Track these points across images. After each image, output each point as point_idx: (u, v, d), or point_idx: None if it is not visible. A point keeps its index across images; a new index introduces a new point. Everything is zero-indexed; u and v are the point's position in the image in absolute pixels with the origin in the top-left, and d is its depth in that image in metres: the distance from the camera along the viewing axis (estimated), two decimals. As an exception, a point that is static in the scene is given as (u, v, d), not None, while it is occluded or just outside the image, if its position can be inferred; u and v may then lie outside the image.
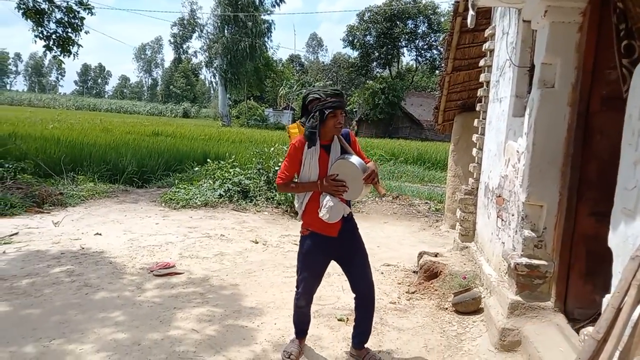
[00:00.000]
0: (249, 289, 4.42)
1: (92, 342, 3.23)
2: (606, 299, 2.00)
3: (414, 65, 51.80)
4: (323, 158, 2.89)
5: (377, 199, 9.27)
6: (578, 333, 2.68)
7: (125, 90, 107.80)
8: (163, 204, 8.08)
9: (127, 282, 4.45)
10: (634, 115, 1.85)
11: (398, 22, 44.54)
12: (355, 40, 46.36)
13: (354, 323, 3.20)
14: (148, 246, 5.61)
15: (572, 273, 3.13)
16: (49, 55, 12.00)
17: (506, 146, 4.20)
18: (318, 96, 2.79)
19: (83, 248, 5.39)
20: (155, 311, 3.82)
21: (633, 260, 1.37)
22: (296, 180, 2.99)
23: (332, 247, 2.98)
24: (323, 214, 2.83)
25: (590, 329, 2.07)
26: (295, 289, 3.18)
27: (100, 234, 6.00)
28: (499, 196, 4.32)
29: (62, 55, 11.45)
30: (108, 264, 4.90)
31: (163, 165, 10.91)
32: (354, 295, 3.16)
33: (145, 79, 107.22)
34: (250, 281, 4.65)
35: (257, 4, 41.40)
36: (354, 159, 2.85)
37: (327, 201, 2.82)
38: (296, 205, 3.06)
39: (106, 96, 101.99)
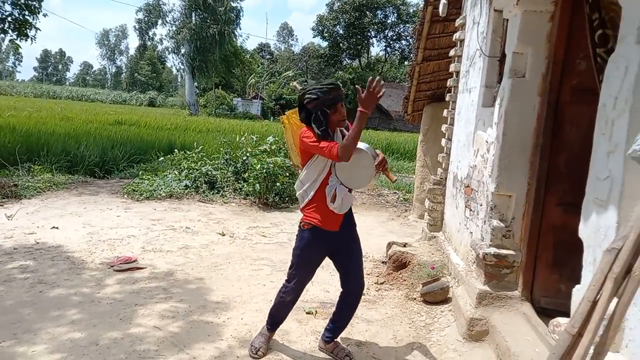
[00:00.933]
0: (215, 283, 4.29)
1: (46, 343, 3.04)
2: (576, 290, 1.98)
3: (384, 56, 51.97)
4: None
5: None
6: (548, 324, 2.69)
7: (87, 78, 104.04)
8: (125, 196, 7.79)
9: (86, 278, 4.24)
10: (608, 104, 1.82)
11: (367, 12, 44.48)
12: (325, 30, 46.09)
13: (332, 317, 3.10)
14: (109, 240, 5.38)
15: (539, 263, 3.15)
16: (6, 40, 11.37)
17: (475, 136, 4.19)
18: (315, 96, 2.68)
19: (38, 243, 5.12)
20: (115, 308, 3.65)
21: (609, 253, 1.33)
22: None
23: (332, 241, 2.88)
24: (336, 205, 2.72)
25: (559, 319, 2.06)
26: (284, 283, 3.02)
27: (57, 228, 5.71)
28: (468, 186, 4.32)
29: (19, 39, 10.85)
30: (65, 259, 4.66)
31: (126, 155, 10.53)
32: (341, 290, 3.05)
33: (109, 66, 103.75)
34: (216, 275, 4.51)
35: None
36: (362, 145, 2.74)
37: (338, 191, 2.72)
38: (299, 197, 2.91)
39: (67, 83, 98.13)
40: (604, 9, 2.73)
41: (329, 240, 2.87)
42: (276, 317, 3.13)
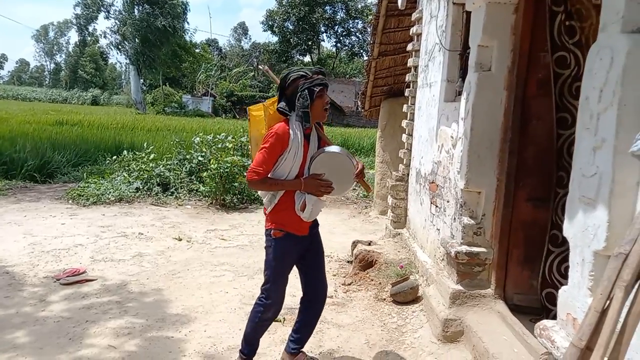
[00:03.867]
0: (174, 293, 4.02)
1: (-17, 374, 2.71)
2: (562, 291, 1.92)
3: (334, 52, 52.06)
4: (305, 150, 2.56)
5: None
6: (522, 322, 2.65)
7: (23, 76, 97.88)
8: (70, 201, 7.27)
9: (28, 294, 3.86)
10: (592, 97, 1.75)
11: (316, 8, 44.35)
12: (275, 25, 45.59)
13: (295, 326, 2.90)
14: (53, 250, 4.96)
15: (511, 259, 3.11)
16: None
17: (439, 132, 4.13)
18: (304, 73, 2.50)
19: (-28, 257, 4.65)
20: (63, 327, 3.33)
21: (616, 258, 1.24)
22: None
23: (302, 246, 2.68)
24: (306, 214, 2.53)
25: (545, 322, 1.99)
26: (260, 301, 2.73)
27: (-7, 239, 5.23)
28: (432, 182, 4.27)
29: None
30: (4, 274, 4.25)
31: (70, 157, 9.90)
32: (302, 297, 2.87)
33: (47, 63, 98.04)
34: (175, 284, 4.24)
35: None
36: (342, 151, 2.59)
37: (308, 199, 2.52)
38: (264, 200, 2.67)
39: (1, 82, 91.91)
40: (570, 1, 2.71)
41: (300, 246, 2.69)
42: (253, 340, 2.80)
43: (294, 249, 2.67)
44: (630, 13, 1.64)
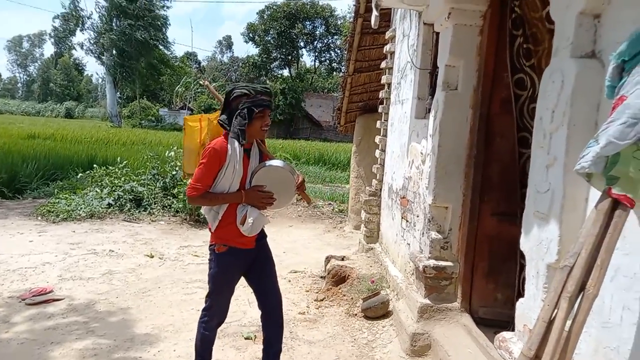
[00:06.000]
0: (143, 312, 3.95)
1: (-62, 398, 2.61)
2: (520, 304, 1.98)
3: (313, 67, 52.56)
4: (244, 164, 2.55)
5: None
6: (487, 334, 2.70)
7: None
8: (39, 218, 7.10)
9: (-10, 314, 3.75)
10: (545, 117, 1.83)
11: (296, 23, 44.85)
12: (256, 37, 45.87)
13: (263, 345, 2.88)
14: (19, 269, 4.83)
15: (476, 273, 3.17)
16: None
17: (409, 148, 4.22)
18: (247, 92, 2.48)
19: None
20: (27, 349, 3.23)
21: (562, 271, 1.30)
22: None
23: (248, 259, 2.67)
24: (246, 228, 2.51)
25: (504, 334, 2.04)
26: (204, 312, 2.75)
27: (-44, 257, 5.07)
28: (403, 197, 4.34)
29: None
30: (-35, 294, 4.12)
31: (40, 172, 9.67)
32: (261, 313, 2.87)
33: (20, 74, 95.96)
34: (145, 302, 4.17)
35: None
36: (281, 163, 2.60)
37: (249, 213, 2.51)
38: (208, 217, 2.65)
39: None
40: (527, 24, 2.83)
41: (245, 259, 2.67)
42: (205, 351, 2.80)
43: (238, 263, 2.65)
44: (578, 39, 1.73)
